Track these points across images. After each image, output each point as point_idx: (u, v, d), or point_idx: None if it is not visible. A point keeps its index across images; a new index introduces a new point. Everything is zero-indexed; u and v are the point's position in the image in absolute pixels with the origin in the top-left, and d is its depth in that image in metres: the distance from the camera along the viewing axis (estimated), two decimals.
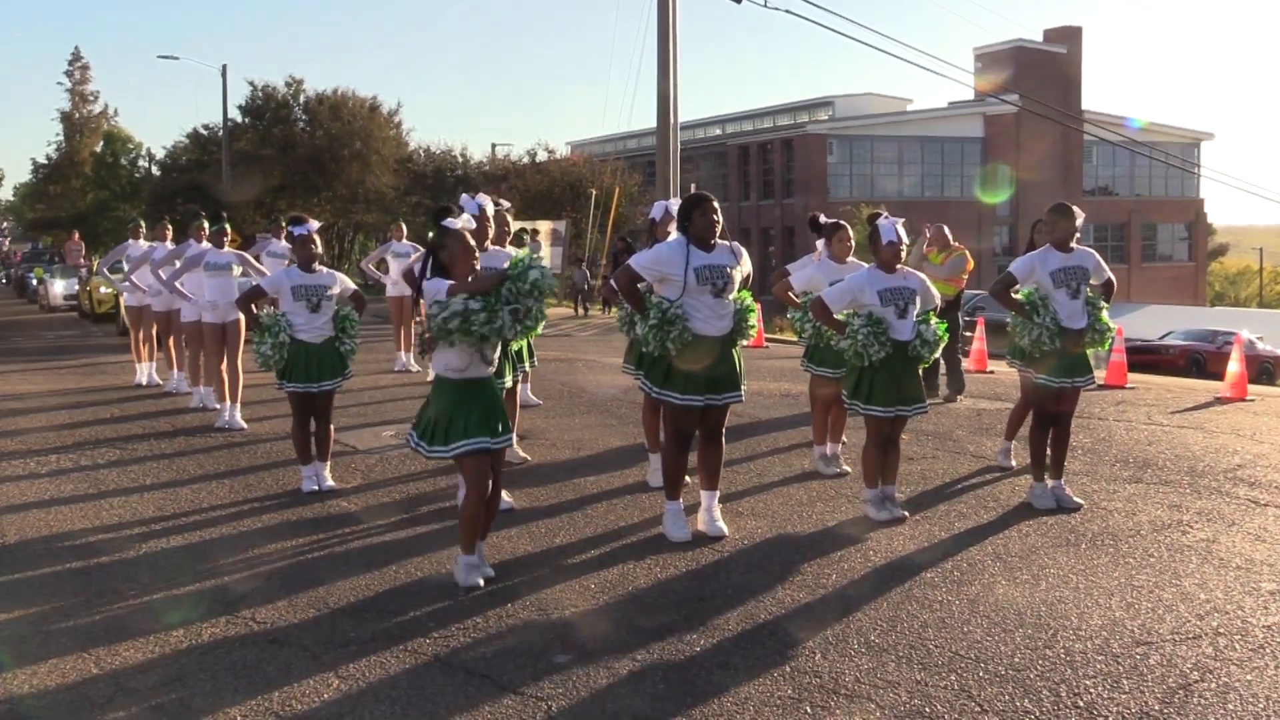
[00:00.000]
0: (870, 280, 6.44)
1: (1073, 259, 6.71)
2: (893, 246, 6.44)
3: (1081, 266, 6.71)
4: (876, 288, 6.38)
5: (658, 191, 21.06)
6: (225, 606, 5.12)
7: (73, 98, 61.53)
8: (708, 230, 5.94)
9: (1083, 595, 5.17)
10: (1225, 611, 4.96)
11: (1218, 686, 4.15)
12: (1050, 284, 6.66)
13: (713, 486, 6.22)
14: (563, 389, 12.14)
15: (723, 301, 5.96)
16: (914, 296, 6.44)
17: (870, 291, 6.37)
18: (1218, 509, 6.76)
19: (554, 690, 4.15)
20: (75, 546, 6.14)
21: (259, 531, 6.43)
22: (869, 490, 6.54)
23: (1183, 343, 26.74)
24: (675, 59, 20.68)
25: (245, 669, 4.39)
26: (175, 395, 11.87)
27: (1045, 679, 4.23)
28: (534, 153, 42.84)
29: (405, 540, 6.17)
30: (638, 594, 5.24)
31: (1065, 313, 6.66)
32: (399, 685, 4.22)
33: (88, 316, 25.50)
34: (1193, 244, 60.40)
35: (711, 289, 5.90)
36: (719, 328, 5.98)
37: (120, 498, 7.23)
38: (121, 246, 13.34)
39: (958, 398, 11.15)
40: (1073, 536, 6.16)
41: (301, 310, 7.16)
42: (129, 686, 4.24)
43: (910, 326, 6.42)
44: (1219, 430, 9.43)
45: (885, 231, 6.51)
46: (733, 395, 6.09)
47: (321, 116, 41.50)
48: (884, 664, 4.38)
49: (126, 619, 4.97)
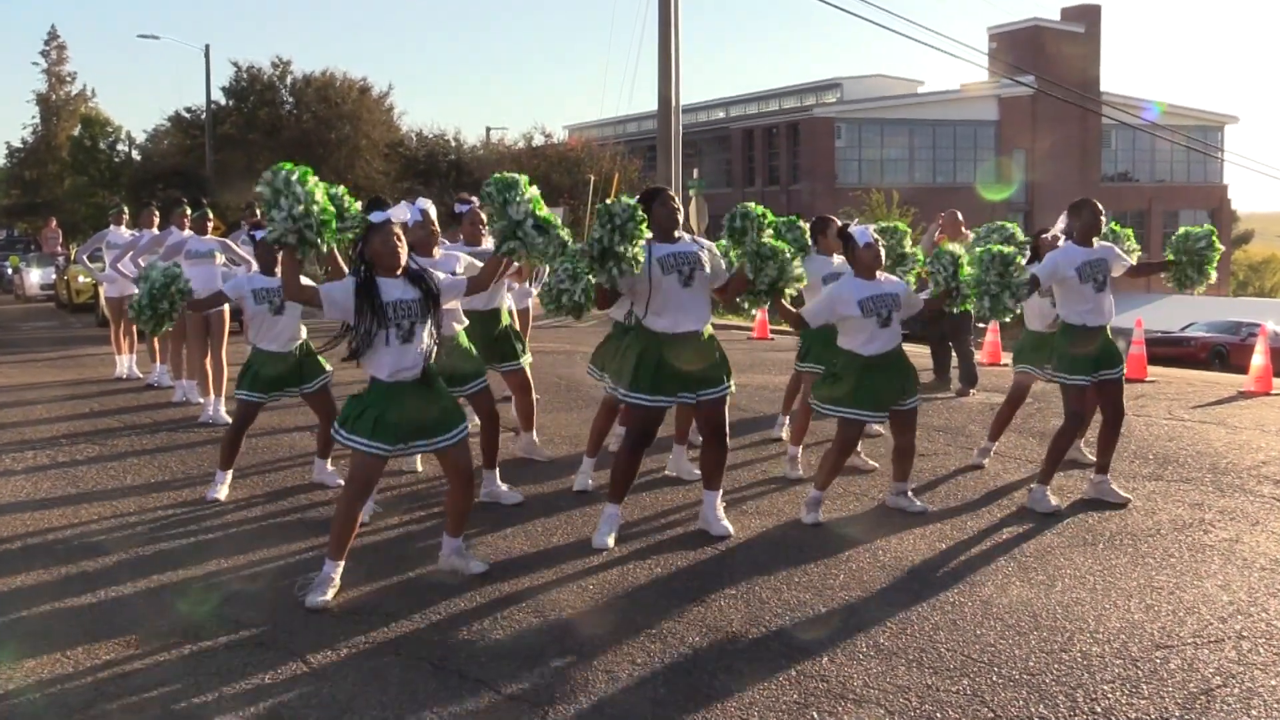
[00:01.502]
0: (852, 289, 6.41)
1: (1095, 253, 6.74)
2: (871, 249, 6.46)
3: (1103, 259, 6.74)
4: (858, 297, 6.36)
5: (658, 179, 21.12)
6: (210, 608, 5.12)
7: (49, 79, 61.34)
8: (669, 220, 5.97)
9: (1100, 597, 5.18)
10: (1249, 614, 4.96)
11: (1240, 692, 4.16)
12: (1076, 279, 6.66)
13: (715, 486, 6.22)
14: (560, 382, 12.15)
15: (694, 294, 5.93)
16: (897, 303, 6.43)
17: (851, 303, 6.36)
18: (1241, 507, 6.77)
19: (551, 694, 4.16)
20: (52, 546, 6.15)
21: (245, 531, 6.44)
22: (815, 491, 6.53)
23: (1205, 334, 26.76)
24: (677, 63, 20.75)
25: (230, 673, 4.39)
26: (157, 389, 11.87)
27: (1061, 684, 4.23)
28: (530, 137, 42.80)
29: (397, 540, 6.18)
30: (638, 595, 5.25)
31: (1091, 307, 6.67)
32: (390, 690, 4.23)
33: (65, 307, 25.48)
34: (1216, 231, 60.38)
35: (679, 277, 5.87)
36: (694, 321, 5.94)
37: (100, 496, 7.23)
38: (101, 234, 13.33)
39: (970, 391, 11.16)
40: (1090, 536, 6.16)
41: (265, 314, 7.13)
42: (109, 691, 4.24)
43: (894, 335, 6.43)
44: (1242, 425, 9.44)
45: (860, 235, 6.53)
46: (717, 390, 6.01)
47: (309, 99, 41.42)
48: (894, 668, 4.39)
49: (106, 621, 4.98)
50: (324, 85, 41.87)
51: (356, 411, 5.15)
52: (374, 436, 5.09)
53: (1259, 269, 79.44)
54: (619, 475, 6.07)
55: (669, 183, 20.83)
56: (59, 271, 27.82)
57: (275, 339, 7.09)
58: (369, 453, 5.12)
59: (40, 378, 13.09)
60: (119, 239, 12.56)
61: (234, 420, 7.21)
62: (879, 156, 53.23)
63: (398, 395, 5.13)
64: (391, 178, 40.82)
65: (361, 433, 5.10)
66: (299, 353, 7.18)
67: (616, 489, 6.08)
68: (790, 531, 6.30)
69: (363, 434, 5.10)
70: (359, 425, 5.12)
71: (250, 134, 40.54)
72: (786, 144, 54.11)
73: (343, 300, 5.09)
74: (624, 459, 6.06)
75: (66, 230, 40.53)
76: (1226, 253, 65.14)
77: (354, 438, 5.12)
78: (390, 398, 5.12)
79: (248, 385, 7.04)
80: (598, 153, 37.15)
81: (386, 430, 5.10)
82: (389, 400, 5.12)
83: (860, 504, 6.87)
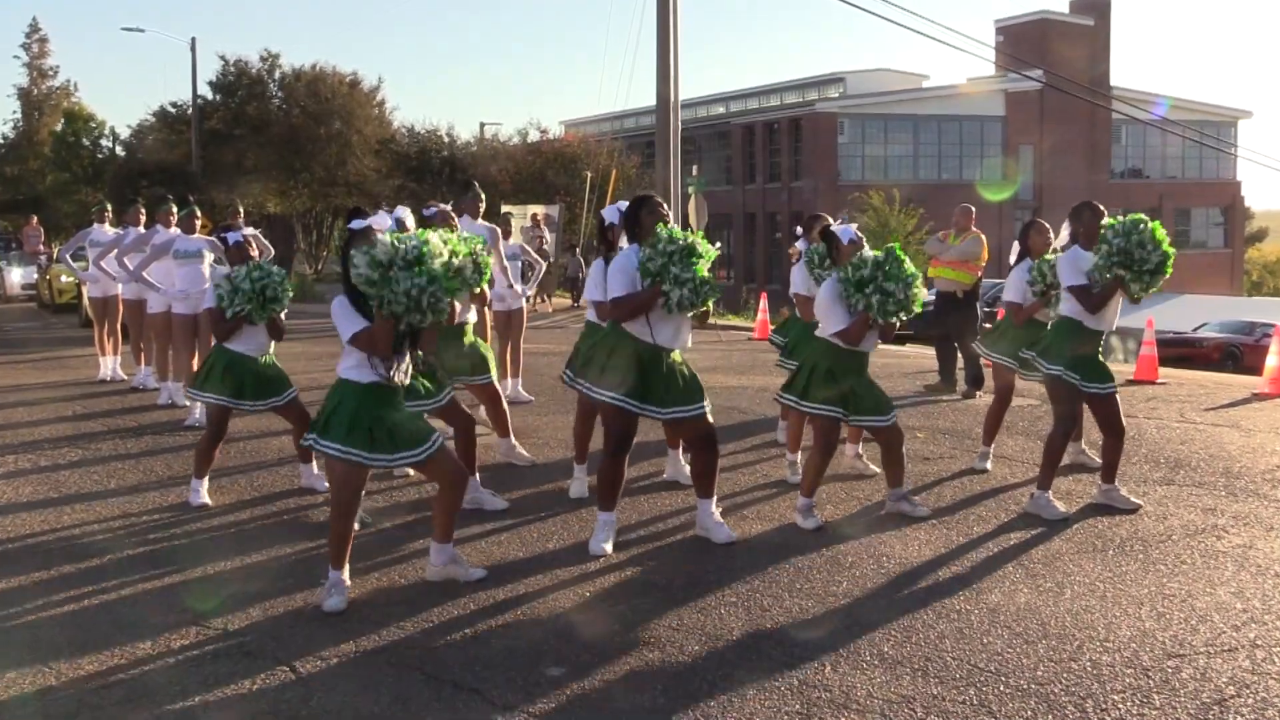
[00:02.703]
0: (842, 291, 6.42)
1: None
2: (855, 245, 6.47)
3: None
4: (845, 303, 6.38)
5: (657, 182, 21.14)
6: (196, 616, 5.12)
7: (30, 72, 61.26)
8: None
9: (1110, 604, 5.18)
10: (1263, 622, 4.96)
11: (1255, 702, 4.16)
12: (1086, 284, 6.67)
13: (709, 494, 6.20)
14: (555, 385, 12.10)
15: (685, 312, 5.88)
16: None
17: (839, 305, 6.38)
18: (1255, 512, 6.77)
19: (547, 704, 4.16)
20: (34, 552, 6.14)
21: (231, 536, 6.43)
22: (803, 498, 6.53)
23: (1218, 335, 26.77)
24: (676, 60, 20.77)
25: (217, 682, 4.38)
26: (142, 391, 11.86)
27: (1070, 694, 4.23)
28: (525, 132, 42.80)
29: (386, 545, 6.17)
30: (635, 602, 5.24)
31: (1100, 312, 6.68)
32: (382, 700, 4.23)
33: (47, 307, 25.46)
34: (1229, 229, 60.37)
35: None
36: (669, 339, 5.91)
37: (82, 500, 7.23)
38: (84, 232, 13.30)
39: (976, 393, 11.16)
40: (1100, 542, 6.16)
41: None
42: (92, 702, 4.24)
43: (874, 339, 6.47)
44: (1256, 428, 9.44)
45: (844, 233, 6.56)
46: (689, 409, 5.95)
47: (298, 94, 41.36)
48: (898, 677, 4.38)
49: (90, 629, 4.97)
50: (314, 80, 41.81)
51: (328, 417, 5.13)
52: (348, 442, 5.06)
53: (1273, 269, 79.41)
54: (606, 484, 6.05)
55: (667, 181, 20.82)
56: (41, 271, 27.80)
57: (248, 344, 7.05)
58: (347, 460, 5.10)
59: (22, 379, 13.08)
60: (102, 237, 12.54)
61: (208, 428, 7.17)
62: (883, 153, 53.21)
63: (369, 399, 5.11)
64: (383, 174, 40.82)
65: (335, 439, 5.07)
66: (266, 367, 7.13)
67: (606, 498, 6.07)
68: (791, 537, 6.29)
69: (336, 440, 5.07)
70: (333, 428, 5.09)
71: (238, 129, 40.50)
72: (788, 140, 54.10)
73: (349, 316, 5.09)
74: (607, 467, 6.04)
75: (48, 228, 40.46)
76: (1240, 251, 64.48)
77: (329, 443, 5.09)
78: (364, 401, 5.11)
79: (215, 387, 6.96)
80: (595, 149, 37.14)
81: (359, 435, 5.07)
82: (362, 404, 5.10)
83: (863, 509, 6.87)
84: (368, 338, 5.03)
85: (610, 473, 6.02)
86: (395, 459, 5.20)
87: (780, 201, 54.22)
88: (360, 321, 5.05)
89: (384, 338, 5.00)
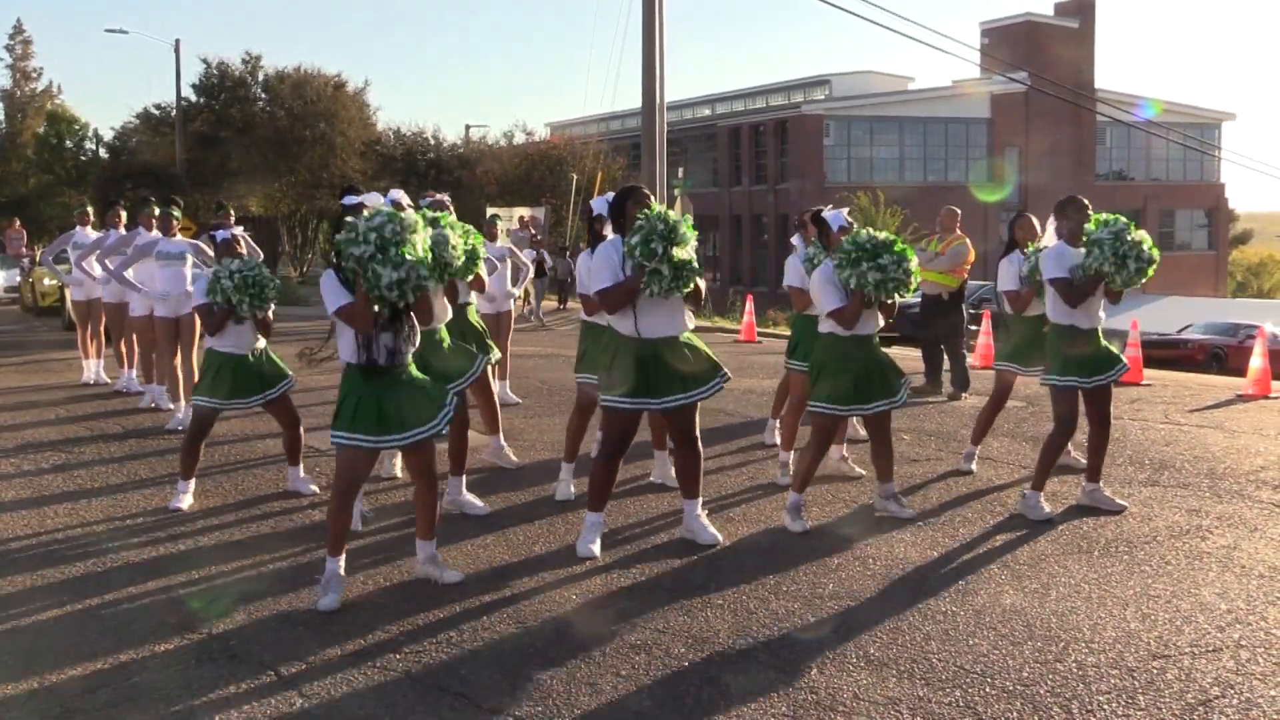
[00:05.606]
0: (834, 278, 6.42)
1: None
2: (845, 231, 6.47)
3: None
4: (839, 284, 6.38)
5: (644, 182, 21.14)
6: (180, 620, 5.10)
7: (14, 74, 61.02)
8: None
9: (1095, 606, 5.20)
10: (1247, 623, 4.99)
11: (1239, 703, 4.18)
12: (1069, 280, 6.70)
13: (694, 494, 6.19)
14: (542, 386, 12.14)
15: (670, 297, 5.84)
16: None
17: (833, 286, 6.39)
18: (1239, 513, 6.81)
19: (533, 709, 4.15)
20: (16, 557, 6.11)
21: (216, 540, 6.40)
22: (794, 494, 6.55)
23: (1202, 336, 26.88)
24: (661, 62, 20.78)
25: (202, 687, 4.37)
26: (125, 394, 11.81)
27: (1056, 695, 4.25)
28: (511, 134, 42.79)
29: (372, 548, 6.15)
30: (622, 605, 5.24)
31: (1080, 309, 6.69)
32: (367, 704, 4.22)
33: (30, 310, 25.35)
34: (1213, 231, 60.66)
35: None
36: (669, 327, 5.89)
37: (65, 504, 7.19)
38: (67, 234, 13.24)
39: (962, 395, 11.20)
40: (1085, 543, 6.19)
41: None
42: (76, 707, 4.22)
43: (874, 319, 6.45)
44: (1241, 430, 9.49)
45: (834, 219, 6.56)
46: (697, 392, 5.92)
47: (282, 95, 41.30)
48: (884, 679, 4.40)
49: (74, 634, 4.95)
50: (298, 81, 41.76)
51: (338, 407, 5.24)
52: (352, 428, 5.15)
53: (1257, 270, 79.84)
54: (597, 485, 6.04)
55: (653, 183, 20.83)
56: (23, 274, 27.63)
57: (234, 342, 7.07)
58: (354, 446, 5.17)
59: (4, 383, 13.00)
60: (85, 240, 12.48)
61: (190, 428, 7.21)
62: (869, 155, 53.33)
63: (367, 382, 5.19)
64: (369, 176, 40.74)
65: (340, 427, 5.18)
66: (261, 359, 7.18)
67: (596, 499, 6.06)
68: (778, 539, 6.30)
69: (341, 428, 5.18)
70: (339, 421, 5.20)
71: (222, 131, 40.40)
72: (774, 142, 54.16)
73: (335, 291, 5.17)
74: (600, 468, 6.03)
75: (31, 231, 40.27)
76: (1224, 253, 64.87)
77: (336, 433, 5.21)
78: (366, 384, 5.18)
79: (207, 390, 7.04)
80: (581, 151, 37.13)
81: (365, 419, 5.14)
82: (364, 387, 5.18)
83: (849, 511, 6.88)
84: (349, 312, 5.12)
85: (602, 474, 6.02)
86: (408, 437, 5.24)
87: (767, 203, 54.27)
88: (345, 296, 5.15)
89: (362, 313, 5.08)
